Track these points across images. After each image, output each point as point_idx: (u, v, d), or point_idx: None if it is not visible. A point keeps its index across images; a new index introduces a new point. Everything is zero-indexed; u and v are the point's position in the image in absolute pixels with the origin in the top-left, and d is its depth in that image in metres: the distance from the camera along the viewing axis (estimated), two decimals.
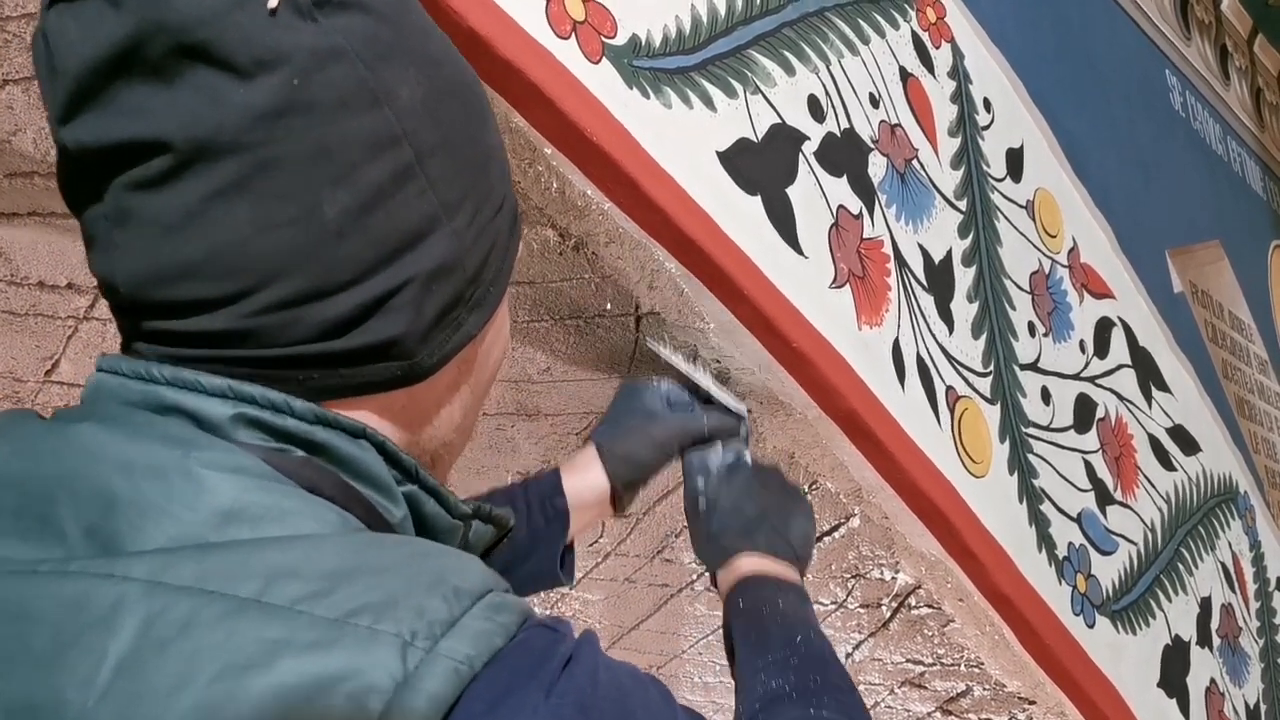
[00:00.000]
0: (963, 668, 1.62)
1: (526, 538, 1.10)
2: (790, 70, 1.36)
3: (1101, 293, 1.94)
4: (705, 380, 1.23)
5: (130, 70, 0.59)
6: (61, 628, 0.54)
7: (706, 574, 1.17)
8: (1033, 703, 1.63)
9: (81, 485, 0.59)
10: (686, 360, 1.25)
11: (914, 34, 1.61)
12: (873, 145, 1.47)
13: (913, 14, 1.61)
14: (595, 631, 0.64)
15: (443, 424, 0.74)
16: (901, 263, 1.47)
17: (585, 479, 1.14)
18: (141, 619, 0.53)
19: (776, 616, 1.00)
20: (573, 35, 1.11)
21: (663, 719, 0.64)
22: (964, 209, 1.63)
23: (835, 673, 0.93)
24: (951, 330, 1.54)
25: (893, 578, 1.53)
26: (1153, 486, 1.94)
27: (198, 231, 0.60)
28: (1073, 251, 1.88)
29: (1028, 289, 1.74)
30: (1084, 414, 1.80)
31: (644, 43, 1.18)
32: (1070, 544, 1.68)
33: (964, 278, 1.59)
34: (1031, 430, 1.66)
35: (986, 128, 1.73)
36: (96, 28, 0.59)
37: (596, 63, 1.12)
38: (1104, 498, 1.79)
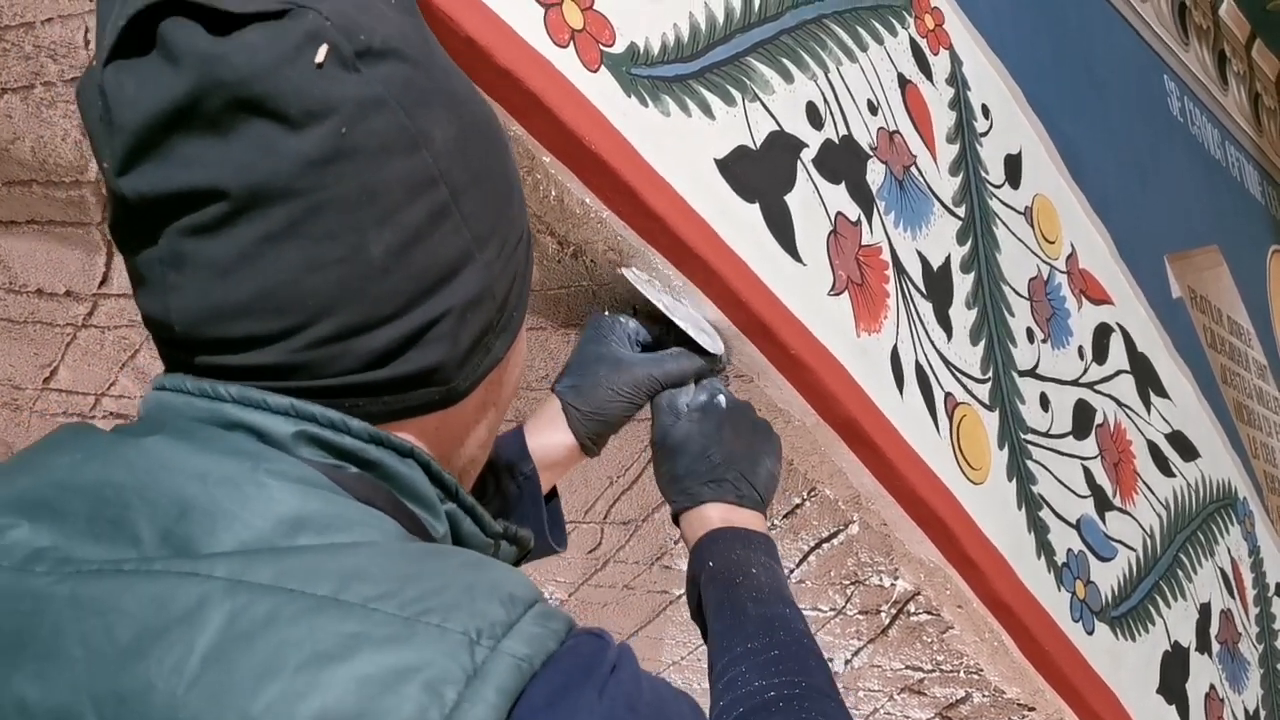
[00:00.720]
0: (962, 674, 1.62)
1: (499, 508, 1.10)
2: (789, 77, 1.36)
3: (1100, 299, 1.94)
4: (683, 318, 1.15)
5: (188, 124, 0.62)
6: (147, 622, 0.57)
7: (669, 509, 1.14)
8: (1032, 709, 1.62)
9: (156, 492, 0.62)
10: (664, 294, 1.17)
11: (912, 41, 1.61)
12: (871, 152, 1.47)
13: (911, 21, 1.61)
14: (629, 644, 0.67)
15: (471, 442, 0.78)
16: (900, 269, 1.47)
17: (551, 439, 1.12)
18: (226, 614, 0.56)
19: (751, 589, 1.00)
20: (571, 44, 1.11)
21: None
22: (962, 215, 1.63)
23: (816, 670, 0.94)
24: (950, 337, 1.54)
25: (891, 584, 1.53)
26: (1152, 492, 1.94)
27: (251, 273, 0.64)
28: (1071, 257, 1.88)
29: (1026, 295, 1.74)
30: (1083, 420, 1.80)
31: (642, 51, 1.18)
32: (1069, 550, 1.68)
33: (962, 284, 1.60)
34: (1030, 436, 1.66)
35: (985, 134, 1.73)
36: (155, 84, 0.62)
37: (595, 71, 1.13)
38: (1103, 504, 1.79)
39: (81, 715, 0.56)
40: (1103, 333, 1.93)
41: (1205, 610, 2.00)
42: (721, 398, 1.14)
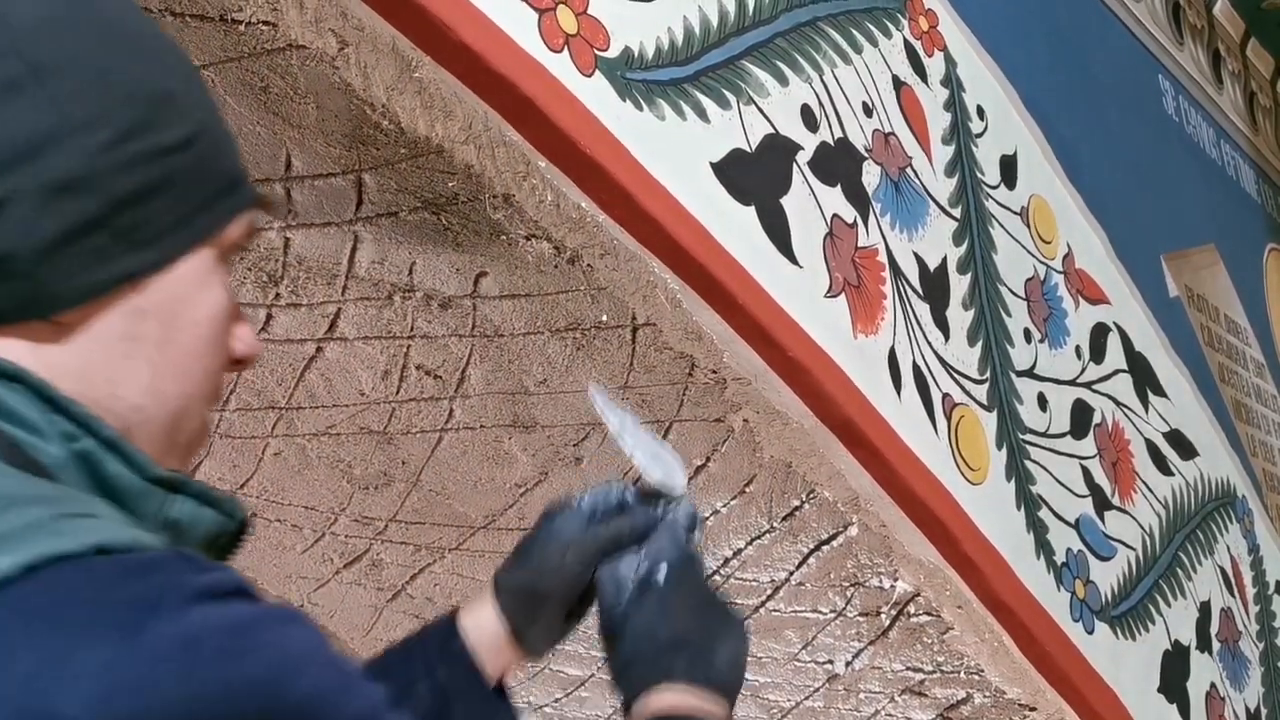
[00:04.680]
0: (963, 675, 1.62)
1: (429, 694, 0.97)
2: (783, 80, 1.37)
3: (1097, 298, 1.95)
4: (635, 445, 1.00)
5: None
6: None
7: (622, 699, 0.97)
8: (1033, 709, 1.62)
9: None
10: (621, 414, 1.02)
11: (906, 43, 1.61)
12: (866, 154, 1.47)
13: (905, 23, 1.62)
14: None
15: (129, 385, 0.71)
16: (896, 271, 1.47)
17: (478, 617, 0.99)
18: None
19: None
20: (565, 48, 1.11)
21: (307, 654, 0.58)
22: (958, 216, 1.63)
23: None
24: (947, 338, 1.54)
25: (891, 586, 1.53)
26: (1150, 491, 1.94)
27: None
28: (1067, 257, 1.89)
29: (1023, 295, 1.74)
30: (1081, 419, 1.80)
31: (637, 55, 1.19)
32: (1069, 550, 1.68)
33: (959, 285, 1.60)
34: (1028, 436, 1.66)
35: (980, 135, 1.73)
36: None
37: (589, 75, 1.13)
38: (1102, 503, 1.79)
39: None
40: (1100, 332, 1.93)
41: (1205, 609, 2.00)
42: (662, 572, 0.98)
